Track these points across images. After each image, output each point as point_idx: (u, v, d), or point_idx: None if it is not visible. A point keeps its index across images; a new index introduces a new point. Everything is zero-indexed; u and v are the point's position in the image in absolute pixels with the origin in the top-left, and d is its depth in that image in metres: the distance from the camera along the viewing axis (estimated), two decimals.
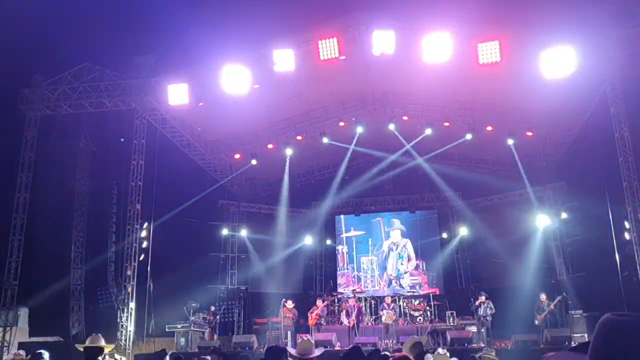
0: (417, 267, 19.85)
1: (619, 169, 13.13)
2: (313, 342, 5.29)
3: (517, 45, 13.27)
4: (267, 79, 14.40)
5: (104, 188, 17.65)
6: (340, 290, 19.58)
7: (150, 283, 15.74)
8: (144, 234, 16.01)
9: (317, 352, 5.00)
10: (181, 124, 16.32)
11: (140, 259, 15.28)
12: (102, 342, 5.96)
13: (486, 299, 15.41)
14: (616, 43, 12.78)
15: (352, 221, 20.99)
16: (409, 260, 20.03)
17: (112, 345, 6.02)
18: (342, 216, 21.20)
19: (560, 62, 12.59)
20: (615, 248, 14.07)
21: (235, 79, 13.70)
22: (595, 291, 15.68)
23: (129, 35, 17.10)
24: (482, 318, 15.14)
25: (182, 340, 14.98)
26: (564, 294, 15.47)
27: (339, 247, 20.91)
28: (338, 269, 20.79)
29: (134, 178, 15.13)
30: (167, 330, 15.30)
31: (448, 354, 5.97)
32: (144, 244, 16.04)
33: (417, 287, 19.46)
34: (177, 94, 14.23)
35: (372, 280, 20.14)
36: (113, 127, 16.63)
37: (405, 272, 19.85)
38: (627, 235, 14.05)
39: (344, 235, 20.84)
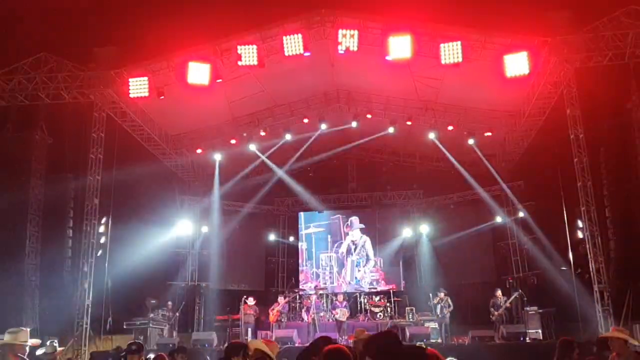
0: (375, 264, 19.99)
1: (574, 170, 13.50)
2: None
3: (478, 46, 13.54)
4: (230, 73, 14.29)
5: (61, 182, 17.20)
6: (300, 286, 19.61)
7: (108, 279, 15.44)
8: (102, 229, 15.70)
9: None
10: (142, 117, 16.03)
11: (98, 254, 14.97)
12: (22, 338, 5.22)
13: (445, 295, 15.68)
14: (573, 46, 13.16)
15: (312, 218, 21.00)
16: (367, 260, 20.15)
17: (38, 341, 5.58)
18: (301, 213, 21.20)
19: (519, 64, 12.88)
20: (569, 246, 14.50)
21: (197, 73, 13.52)
22: (550, 288, 16.15)
23: (88, 25, 16.69)
24: (440, 315, 15.41)
25: (141, 337, 14.72)
26: (520, 291, 15.87)
27: (300, 244, 20.90)
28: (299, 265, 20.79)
29: (93, 172, 14.78)
30: (125, 327, 15.02)
31: None
32: (102, 240, 15.73)
33: (375, 283, 19.63)
34: (137, 87, 13.96)
35: (330, 277, 20.20)
36: (71, 119, 16.21)
37: (363, 279, 19.93)
38: (580, 234, 14.50)
39: (304, 232, 20.83)
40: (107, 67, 14.41)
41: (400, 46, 12.95)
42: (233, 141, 17.98)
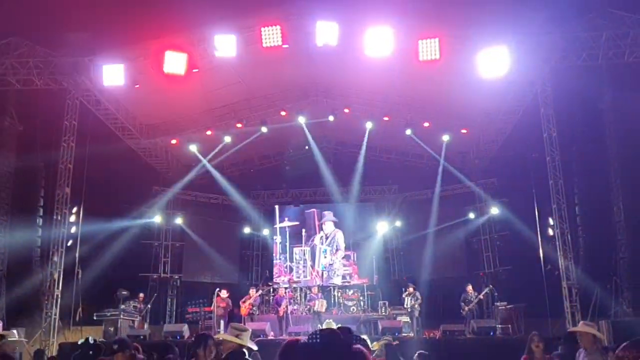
0: (348, 258, 20.06)
1: (546, 168, 13.72)
2: (250, 330, 5.22)
3: (456, 44, 13.63)
4: (207, 63, 14.13)
5: (31, 170, 16.84)
6: (274, 280, 19.59)
7: (79, 270, 15.18)
8: (72, 218, 15.42)
9: (252, 345, 4.93)
10: (115, 106, 15.77)
11: (68, 244, 14.71)
12: None
13: (414, 289, 15.87)
14: (548, 46, 13.35)
15: (286, 212, 20.96)
16: (336, 250, 20.20)
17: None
18: (276, 206, 21.14)
19: (495, 63, 13.01)
20: (540, 243, 14.74)
21: (174, 62, 13.34)
22: (520, 284, 16.42)
23: (62, 10, 16.29)
24: (409, 308, 15.61)
25: (111, 328, 14.54)
26: (491, 286, 16.10)
27: (274, 237, 20.85)
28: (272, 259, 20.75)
29: (64, 160, 14.49)
30: (95, 318, 14.80)
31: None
32: (73, 229, 15.45)
33: (348, 277, 19.71)
34: (112, 75, 13.72)
35: (304, 271, 20.21)
36: (42, 106, 15.85)
37: (330, 264, 19.99)
38: (550, 231, 14.76)
39: (278, 225, 20.79)
40: (80, 53, 14.13)
41: (379, 41, 12.97)
42: (209, 132, 17.81)
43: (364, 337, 6.08)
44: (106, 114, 15.84)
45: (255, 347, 5.12)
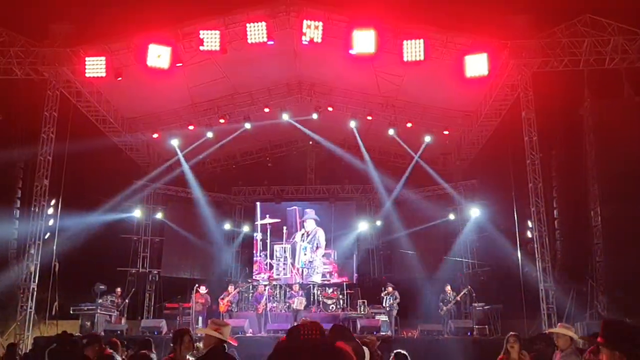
0: (328, 256, 20.10)
1: (526, 171, 13.88)
2: (230, 325, 5.19)
3: (440, 45, 13.73)
4: (191, 58, 14.04)
5: (10, 161, 16.55)
6: (254, 277, 19.54)
7: (56, 263, 14.97)
8: (51, 211, 15.20)
9: (233, 341, 4.90)
10: (97, 98, 15.59)
11: (46, 237, 14.51)
12: None
13: (393, 289, 15.99)
14: (530, 50, 13.51)
15: (268, 209, 20.91)
16: (316, 248, 20.22)
17: None
18: (258, 203, 21.09)
19: (479, 64, 13.13)
20: (518, 245, 14.91)
21: (158, 55, 13.23)
22: (498, 285, 16.61)
23: (45, 1, 16.06)
24: (388, 307, 15.73)
25: (88, 323, 14.40)
26: (469, 287, 16.25)
27: (255, 234, 20.80)
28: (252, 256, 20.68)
29: (43, 152, 14.30)
30: (71, 312, 14.63)
31: None
32: (51, 222, 15.24)
33: (328, 275, 19.75)
34: (94, 67, 13.56)
35: (284, 268, 20.19)
36: (23, 96, 15.59)
37: (310, 262, 20.01)
38: (529, 234, 14.93)
39: (259, 222, 20.73)
40: (62, 44, 13.95)
41: (364, 41, 13.00)
42: (191, 127, 17.69)
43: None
44: (87, 106, 15.66)
45: (235, 343, 5.11)
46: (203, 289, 15.98)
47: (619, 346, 2.91)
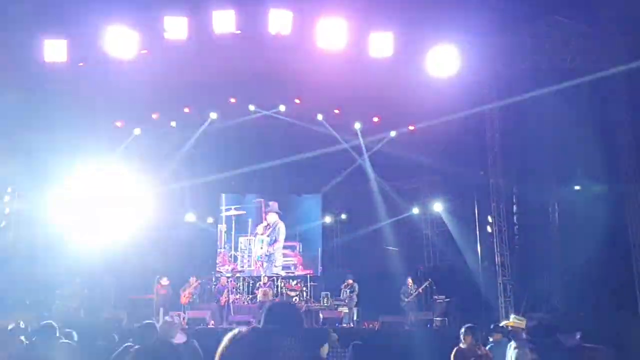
0: (293, 249, 20.11)
1: (487, 168, 14.14)
2: (177, 322, 5.11)
3: (408, 40, 13.79)
4: (156, 45, 13.76)
5: None
6: (217, 269, 19.40)
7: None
8: (6, 199, 14.78)
9: (181, 337, 4.83)
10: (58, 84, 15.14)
11: (2, 225, 14.10)
12: None
13: (352, 281, 16.15)
14: (495, 49, 13.73)
15: (233, 200, 20.77)
16: (275, 241, 20.23)
17: None
18: (223, 194, 20.92)
19: (445, 62, 13.27)
20: (478, 240, 15.20)
21: (121, 41, 12.94)
22: (458, 278, 16.89)
23: None
24: (347, 300, 15.88)
25: (46, 313, 14.06)
26: (430, 280, 16.49)
27: (219, 226, 20.65)
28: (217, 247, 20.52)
29: None
30: (28, 303, 14.28)
31: None
32: (7, 211, 14.82)
33: (292, 267, 19.76)
34: (54, 51, 13.18)
35: (248, 260, 20.11)
36: None
37: (267, 255, 20.02)
38: (489, 229, 15.23)
39: (224, 214, 20.59)
40: (21, 26, 13.47)
41: (332, 33, 12.98)
42: (154, 116, 17.38)
43: None
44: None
45: (183, 339, 5.03)
46: (165, 280, 15.81)
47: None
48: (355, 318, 15.65)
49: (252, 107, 17.80)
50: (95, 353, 7.48)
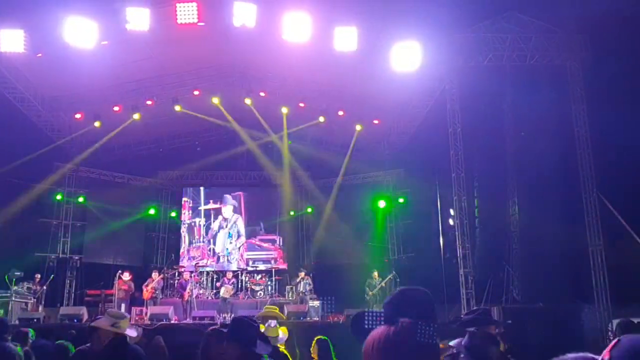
0: (273, 242, 20.13)
1: (449, 161, 14.35)
2: (128, 317, 4.93)
3: (371, 35, 13.85)
4: (117, 35, 13.46)
5: None
6: (192, 263, 19.25)
7: None
8: None
9: (131, 332, 4.69)
10: (15, 74, 14.74)
11: None
12: None
13: (305, 275, 16.29)
14: (456, 45, 13.92)
15: (212, 194, 20.71)
16: (238, 237, 20.21)
17: None
18: (201, 188, 20.80)
19: (407, 57, 13.38)
20: (441, 232, 15.44)
21: (80, 31, 12.60)
22: (421, 271, 17.15)
23: None
24: (301, 294, 15.96)
25: (1, 310, 13.68)
26: (394, 272, 16.69)
27: (196, 220, 20.49)
28: (194, 241, 20.35)
29: None
30: None
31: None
32: None
33: (273, 262, 19.78)
34: (10, 41, 12.76)
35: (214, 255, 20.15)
36: None
37: (234, 250, 20.00)
38: (451, 222, 15.50)
39: (203, 207, 20.53)
40: None
41: (296, 26, 12.93)
42: (116, 108, 17.06)
43: None
44: (3, 82, 14.77)
45: (134, 334, 4.89)
46: (126, 276, 15.56)
47: None
48: (320, 312, 15.67)
49: (215, 100, 17.57)
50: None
